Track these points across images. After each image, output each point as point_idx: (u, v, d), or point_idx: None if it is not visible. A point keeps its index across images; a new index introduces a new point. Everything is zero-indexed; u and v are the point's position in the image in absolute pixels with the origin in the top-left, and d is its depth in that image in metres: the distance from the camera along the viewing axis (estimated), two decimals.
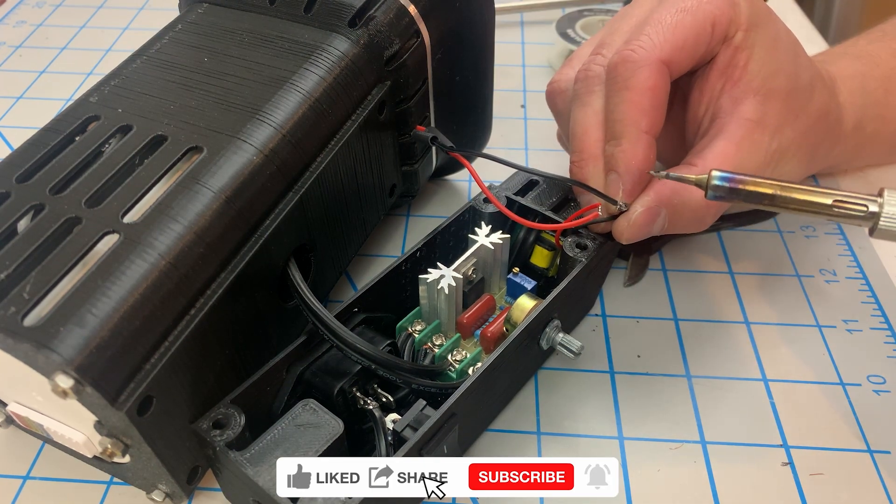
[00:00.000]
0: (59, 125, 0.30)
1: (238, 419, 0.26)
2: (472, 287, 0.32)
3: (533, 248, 0.35)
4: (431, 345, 0.31)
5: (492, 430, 0.33)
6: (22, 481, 0.31)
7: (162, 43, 0.34)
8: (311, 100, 0.31)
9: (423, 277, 0.30)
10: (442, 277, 0.30)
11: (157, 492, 0.28)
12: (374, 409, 0.29)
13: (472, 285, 0.32)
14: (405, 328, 0.31)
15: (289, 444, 0.26)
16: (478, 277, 0.32)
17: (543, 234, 0.34)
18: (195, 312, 0.26)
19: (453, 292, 0.30)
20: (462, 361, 0.30)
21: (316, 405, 0.27)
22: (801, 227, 0.43)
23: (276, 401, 0.29)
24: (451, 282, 0.30)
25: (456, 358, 0.30)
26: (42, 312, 0.23)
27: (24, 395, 0.27)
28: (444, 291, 0.30)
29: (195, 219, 0.26)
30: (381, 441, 0.27)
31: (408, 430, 0.27)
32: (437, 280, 0.30)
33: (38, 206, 0.26)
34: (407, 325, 0.31)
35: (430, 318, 0.31)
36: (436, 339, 0.31)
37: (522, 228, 0.35)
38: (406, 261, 0.32)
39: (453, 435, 0.28)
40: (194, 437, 0.27)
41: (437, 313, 0.31)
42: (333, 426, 0.26)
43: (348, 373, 0.29)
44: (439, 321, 0.31)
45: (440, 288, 0.30)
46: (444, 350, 0.31)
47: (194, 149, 0.28)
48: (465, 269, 0.31)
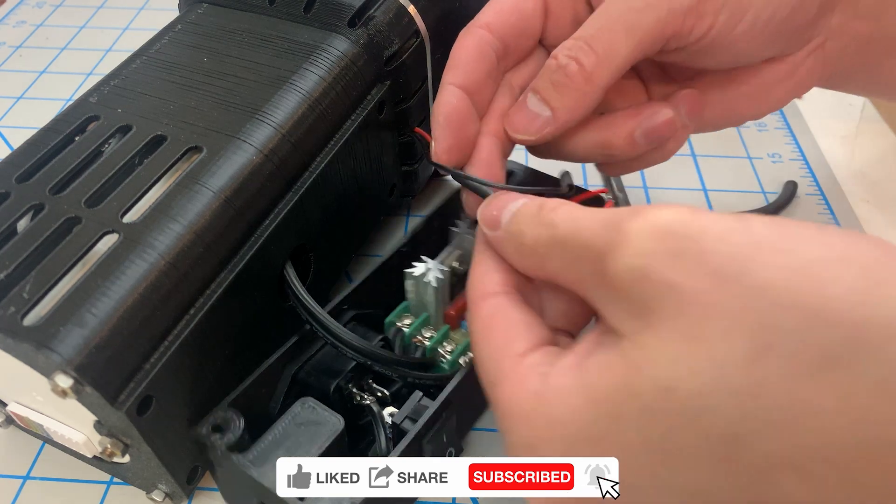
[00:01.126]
0: (58, 125, 0.30)
1: (238, 422, 0.26)
2: (458, 280, 0.31)
3: None
4: (421, 338, 0.31)
5: (491, 430, 0.33)
6: (22, 481, 0.31)
7: (162, 43, 0.34)
8: (311, 100, 0.31)
9: (408, 272, 0.30)
10: (429, 271, 0.30)
11: (157, 492, 0.28)
12: (371, 403, 0.29)
13: (458, 278, 0.31)
14: (393, 323, 0.31)
15: (290, 443, 0.26)
16: (464, 269, 0.31)
17: None
18: (195, 312, 0.26)
19: (440, 285, 0.30)
20: (453, 352, 0.30)
21: (315, 403, 0.27)
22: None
23: (272, 401, 0.29)
24: (439, 275, 0.30)
25: (447, 349, 0.31)
26: (42, 312, 0.23)
27: (24, 395, 0.27)
28: (432, 284, 0.30)
29: (195, 219, 0.26)
30: (380, 434, 0.28)
31: (407, 422, 0.27)
32: (424, 273, 0.30)
33: (37, 205, 0.26)
34: (395, 319, 0.31)
35: (417, 312, 0.32)
36: (425, 332, 0.31)
37: None
38: (392, 257, 0.33)
39: (451, 424, 0.28)
40: (194, 441, 0.27)
41: (424, 307, 0.31)
42: (334, 423, 0.27)
43: (343, 370, 0.29)
44: (427, 315, 0.31)
45: (427, 281, 0.30)
46: (435, 342, 0.31)
47: (194, 149, 0.28)
48: (450, 261, 0.31)
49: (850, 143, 0.49)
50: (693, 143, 0.49)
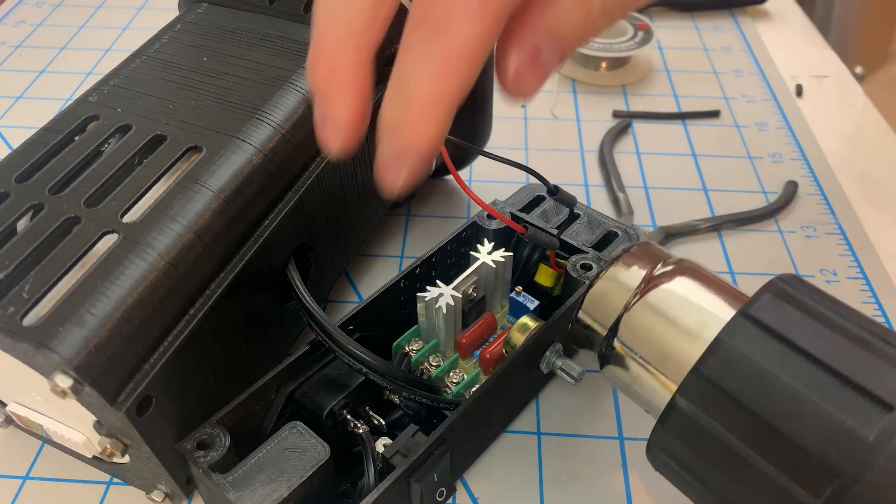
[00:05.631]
0: (58, 125, 0.30)
1: (223, 440, 0.25)
2: (472, 305, 0.31)
3: (538, 266, 0.34)
4: (428, 365, 0.30)
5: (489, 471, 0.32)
6: (22, 481, 0.31)
7: (161, 43, 0.34)
8: (311, 99, 0.31)
9: (420, 295, 0.29)
10: (441, 296, 0.29)
11: (157, 492, 0.28)
12: (363, 433, 0.28)
13: (472, 303, 0.31)
14: (402, 347, 0.31)
15: (273, 469, 0.25)
16: (479, 296, 0.31)
17: (548, 252, 0.34)
18: (195, 312, 0.26)
19: (451, 312, 0.29)
20: (459, 383, 0.29)
21: (303, 428, 0.26)
22: (801, 227, 0.43)
23: (265, 420, 0.28)
24: (450, 301, 0.29)
25: (453, 380, 0.30)
26: (41, 312, 0.23)
27: (24, 395, 0.27)
28: (443, 311, 0.29)
29: (194, 218, 0.26)
30: (369, 467, 0.27)
31: (397, 457, 0.26)
32: (436, 299, 0.29)
33: (37, 205, 0.26)
34: (404, 343, 0.31)
35: (427, 337, 0.31)
36: (433, 360, 0.30)
37: (527, 245, 0.34)
38: (404, 277, 0.32)
39: (444, 463, 0.27)
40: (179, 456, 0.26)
41: (435, 332, 0.30)
42: (319, 451, 0.26)
43: (339, 394, 0.28)
44: (437, 340, 0.30)
45: (438, 307, 0.29)
46: (441, 371, 0.30)
47: (193, 148, 0.28)
48: (465, 287, 0.30)
49: (850, 143, 0.49)
50: (693, 143, 0.49)
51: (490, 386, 0.28)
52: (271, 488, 0.25)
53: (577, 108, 0.53)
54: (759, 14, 0.64)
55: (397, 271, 0.36)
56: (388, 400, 0.30)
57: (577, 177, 0.46)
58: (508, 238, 0.34)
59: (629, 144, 0.49)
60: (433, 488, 0.27)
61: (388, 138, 0.20)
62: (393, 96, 0.21)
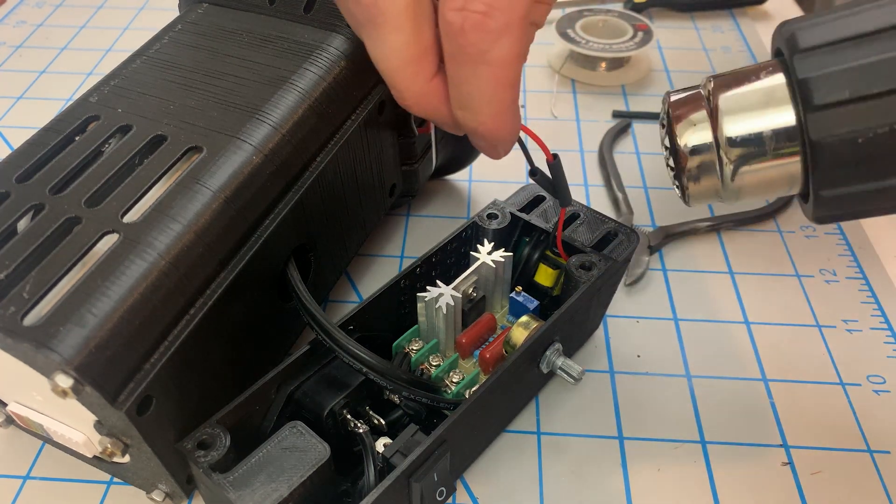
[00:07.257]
0: (58, 125, 0.30)
1: (223, 440, 0.26)
2: (472, 305, 0.31)
3: (537, 266, 0.34)
4: (428, 365, 0.30)
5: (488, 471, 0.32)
6: (22, 481, 0.31)
7: (162, 43, 0.34)
8: (311, 99, 0.31)
9: (420, 295, 0.29)
10: (441, 296, 0.29)
11: (157, 492, 0.28)
12: (363, 432, 0.28)
13: (472, 303, 0.31)
14: (402, 347, 0.31)
15: (273, 468, 0.25)
16: (479, 296, 0.31)
17: (548, 251, 0.34)
18: (195, 312, 0.26)
19: (451, 312, 0.29)
20: (459, 383, 0.30)
21: (303, 428, 0.26)
22: (801, 227, 0.43)
23: (265, 420, 0.28)
24: (450, 301, 0.29)
25: (453, 379, 0.30)
26: (42, 312, 0.23)
27: (24, 394, 0.27)
28: (443, 311, 0.29)
29: (195, 218, 0.26)
30: (369, 467, 0.27)
31: (397, 457, 0.26)
32: (436, 299, 0.29)
33: (37, 205, 0.26)
34: (404, 343, 0.31)
35: (427, 337, 0.31)
36: (433, 360, 0.30)
37: (526, 245, 0.34)
38: (404, 277, 0.32)
39: (444, 462, 0.27)
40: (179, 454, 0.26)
41: (435, 332, 0.30)
42: (319, 450, 0.26)
43: (339, 394, 0.28)
44: (437, 340, 0.30)
45: (438, 307, 0.29)
46: (441, 371, 0.30)
47: (194, 148, 0.28)
48: (465, 287, 0.30)
49: None
50: None
51: (490, 386, 0.28)
52: (271, 488, 0.25)
53: (576, 108, 0.53)
54: (759, 14, 0.64)
55: (397, 271, 0.36)
56: (388, 400, 0.30)
57: (577, 177, 0.46)
58: (508, 238, 0.34)
59: (629, 144, 0.49)
60: (433, 488, 0.27)
61: (477, 141, 0.28)
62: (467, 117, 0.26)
